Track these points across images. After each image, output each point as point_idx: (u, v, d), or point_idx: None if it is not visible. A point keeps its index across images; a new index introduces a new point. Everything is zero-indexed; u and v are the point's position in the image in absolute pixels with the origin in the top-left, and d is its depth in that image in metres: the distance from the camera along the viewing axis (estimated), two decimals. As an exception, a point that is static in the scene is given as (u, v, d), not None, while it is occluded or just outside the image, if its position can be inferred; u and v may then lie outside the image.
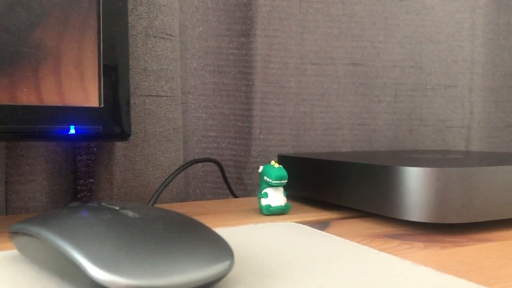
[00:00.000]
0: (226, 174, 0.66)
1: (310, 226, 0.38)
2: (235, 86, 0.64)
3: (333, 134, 0.68)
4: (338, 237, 0.32)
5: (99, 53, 0.36)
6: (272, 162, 0.43)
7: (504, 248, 0.31)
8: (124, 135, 0.37)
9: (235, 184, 0.66)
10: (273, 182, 0.42)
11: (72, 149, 0.48)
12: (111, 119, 0.36)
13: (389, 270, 0.25)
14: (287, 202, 0.44)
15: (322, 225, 0.38)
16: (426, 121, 0.72)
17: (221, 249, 0.23)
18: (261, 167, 0.43)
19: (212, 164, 0.65)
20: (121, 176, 0.47)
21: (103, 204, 0.26)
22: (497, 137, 0.80)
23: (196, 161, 0.41)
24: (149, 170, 0.48)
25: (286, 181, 0.42)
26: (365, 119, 0.69)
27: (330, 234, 0.33)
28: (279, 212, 0.43)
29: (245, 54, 0.64)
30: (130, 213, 0.24)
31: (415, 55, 0.71)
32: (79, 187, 0.50)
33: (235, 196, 0.56)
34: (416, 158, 0.44)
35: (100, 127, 0.35)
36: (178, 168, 0.39)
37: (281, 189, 0.43)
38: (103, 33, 0.36)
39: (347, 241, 0.32)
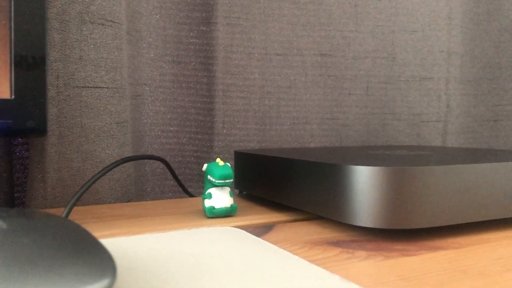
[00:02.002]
0: (187, 171, 0.62)
1: (252, 229, 0.35)
2: (195, 77, 0.60)
3: (301, 128, 0.64)
4: (271, 245, 0.29)
5: (10, 39, 0.32)
6: (217, 160, 0.40)
7: (455, 258, 0.28)
8: (39, 130, 0.33)
9: (197, 182, 0.62)
10: (216, 181, 0.38)
11: (6, 145, 0.45)
12: (24, 113, 0.32)
13: (309, 287, 0.21)
14: (234, 203, 0.40)
15: (264, 229, 0.35)
16: (400, 115, 0.69)
17: (98, 266, 0.19)
18: (205, 165, 0.40)
19: (173, 160, 0.61)
20: (56, 175, 0.43)
21: (-22, 211, 0.22)
22: (476, 132, 0.76)
23: (127, 160, 0.37)
24: (87, 168, 0.44)
25: (231, 180, 0.39)
26: (335, 113, 0.65)
27: (265, 242, 0.30)
28: (224, 214, 0.39)
29: (206, 43, 0.60)
30: (-1, 223, 0.20)
31: (388, 45, 0.67)
32: (16, 187, 0.46)
33: (190, 195, 0.52)
34: (371, 156, 0.40)
35: (11, 121, 0.32)
36: (103, 169, 0.35)
37: (227, 189, 0.39)
38: (15, 16, 0.32)
39: (281, 250, 0.28)
